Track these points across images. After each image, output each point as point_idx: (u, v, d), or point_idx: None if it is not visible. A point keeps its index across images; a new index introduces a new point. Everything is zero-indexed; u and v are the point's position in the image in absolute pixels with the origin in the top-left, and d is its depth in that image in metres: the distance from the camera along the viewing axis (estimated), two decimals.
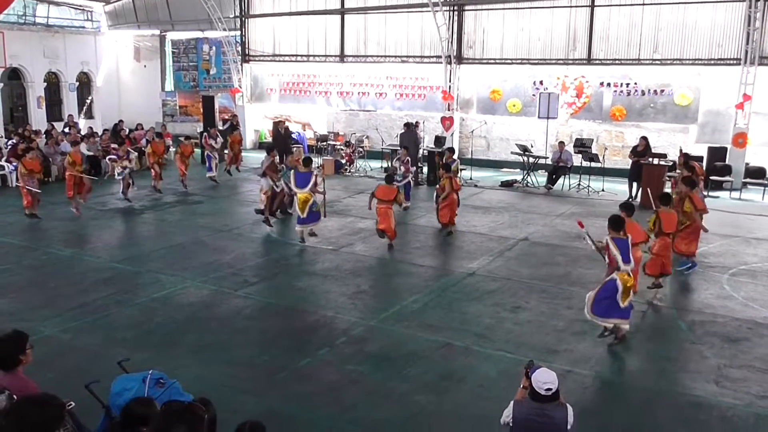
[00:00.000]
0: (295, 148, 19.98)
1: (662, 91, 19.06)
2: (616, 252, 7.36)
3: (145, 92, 27.53)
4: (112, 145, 19.53)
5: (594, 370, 7.21)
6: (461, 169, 17.56)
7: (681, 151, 14.04)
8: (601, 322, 7.59)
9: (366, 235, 12.56)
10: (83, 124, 24.43)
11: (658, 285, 9.38)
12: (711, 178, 17.21)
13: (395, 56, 21.97)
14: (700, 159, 17.77)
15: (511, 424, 4.56)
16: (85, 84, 26.15)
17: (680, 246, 10.28)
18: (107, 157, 17.92)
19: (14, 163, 16.13)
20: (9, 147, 18.22)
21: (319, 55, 23.33)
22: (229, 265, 10.80)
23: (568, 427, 4.50)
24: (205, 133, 18.46)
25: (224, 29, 24.09)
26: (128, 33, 27.45)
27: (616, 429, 6.03)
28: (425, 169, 18.72)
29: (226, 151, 19.36)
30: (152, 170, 16.59)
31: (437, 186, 13.28)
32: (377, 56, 22.28)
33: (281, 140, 19.33)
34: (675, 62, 18.49)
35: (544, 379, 4.43)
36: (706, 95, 18.65)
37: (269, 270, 10.87)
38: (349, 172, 20.07)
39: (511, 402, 4.62)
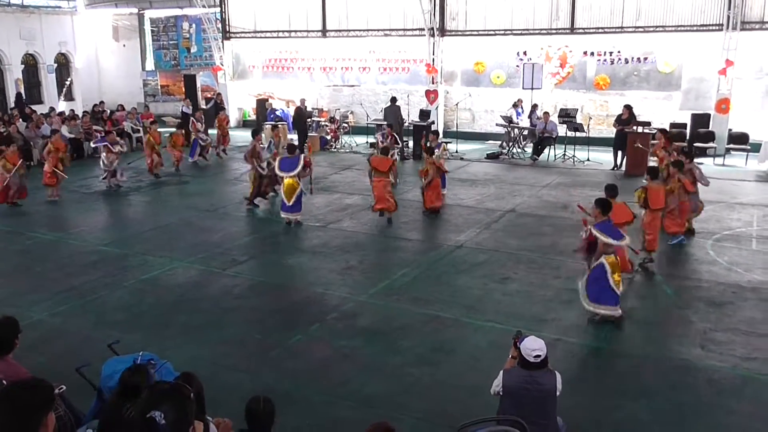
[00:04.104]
0: (280, 125, 19.85)
1: (645, 58, 19.08)
2: (603, 237, 7.33)
3: (126, 72, 27.17)
4: (95, 127, 19.30)
5: (582, 338, 7.31)
6: (447, 147, 17.50)
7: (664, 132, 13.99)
8: (594, 308, 7.52)
9: (353, 211, 12.56)
10: (64, 107, 24.09)
11: (650, 260, 9.44)
12: (695, 144, 17.30)
13: (378, 30, 21.76)
14: (683, 126, 17.94)
15: (501, 393, 4.62)
16: (63, 65, 25.74)
17: (671, 227, 10.21)
18: (94, 143, 17.25)
19: None
20: None
21: (300, 31, 23.07)
22: (216, 244, 10.77)
23: (557, 393, 4.58)
24: (192, 118, 18.22)
25: (203, 6, 23.72)
26: (106, 12, 26.98)
27: (605, 394, 6.13)
28: (410, 143, 18.67)
29: (211, 131, 19.21)
30: (150, 159, 16.13)
31: (420, 170, 12.99)
32: (360, 30, 22.06)
33: (302, 120, 19.31)
34: (658, 29, 18.47)
35: (533, 346, 4.50)
36: (689, 62, 18.69)
37: (257, 248, 10.86)
38: (335, 148, 19.98)
39: (501, 371, 4.68)
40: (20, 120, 19.61)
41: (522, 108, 19.26)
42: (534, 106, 18.80)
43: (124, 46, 27.59)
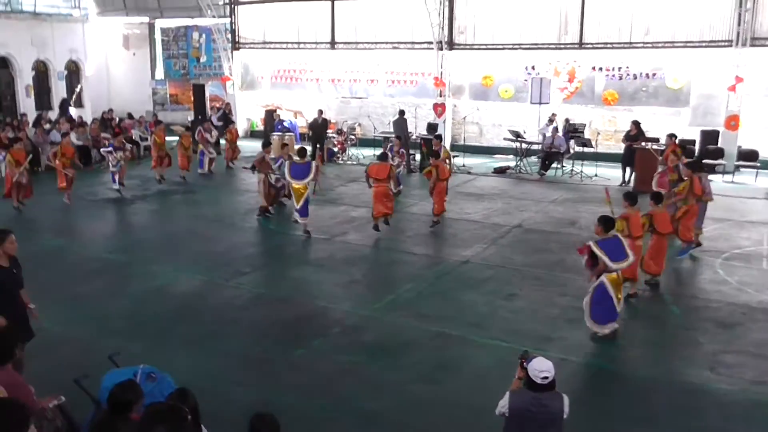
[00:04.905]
0: (287, 136, 19.84)
1: (654, 74, 19.01)
2: (602, 255, 7.25)
3: (135, 81, 27.27)
4: (102, 134, 19.33)
5: (588, 358, 7.21)
6: (453, 156, 17.42)
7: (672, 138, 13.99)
8: (600, 329, 7.47)
9: (359, 224, 12.50)
10: (73, 113, 24.18)
11: (656, 283, 9.32)
12: (704, 161, 17.18)
13: (386, 43, 21.78)
14: (692, 143, 17.83)
15: (507, 415, 4.53)
16: (74, 72, 25.81)
17: (684, 233, 10.13)
18: (102, 150, 17.34)
19: (2, 154, 15.87)
20: None
21: (309, 42, 23.12)
22: (221, 255, 10.72)
23: (564, 416, 4.48)
24: (200, 127, 18.24)
25: (214, 16, 23.84)
26: (117, 20, 27.12)
27: (611, 417, 6.02)
28: (417, 157, 18.62)
29: (222, 141, 19.27)
30: (155, 162, 16.15)
31: (424, 172, 13.13)
32: (368, 43, 22.09)
33: (319, 129, 19.30)
34: (667, 45, 18.41)
35: (541, 367, 4.40)
36: (698, 78, 18.60)
37: (261, 260, 10.81)
38: (342, 160, 19.95)
39: (507, 392, 4.58)
40: (29, 125, 19.70)
41: (557, 123, 19.12)
42: (566, 121, 18.62)
43: (134, 55, 27.71)
